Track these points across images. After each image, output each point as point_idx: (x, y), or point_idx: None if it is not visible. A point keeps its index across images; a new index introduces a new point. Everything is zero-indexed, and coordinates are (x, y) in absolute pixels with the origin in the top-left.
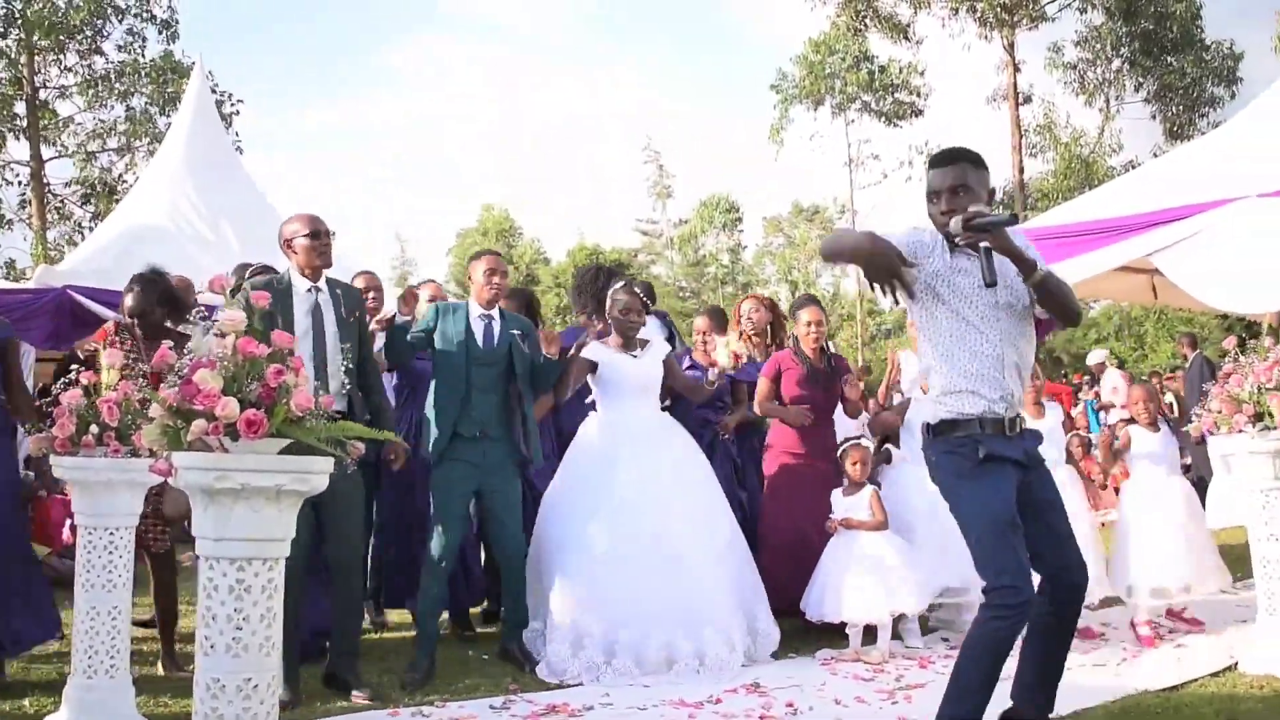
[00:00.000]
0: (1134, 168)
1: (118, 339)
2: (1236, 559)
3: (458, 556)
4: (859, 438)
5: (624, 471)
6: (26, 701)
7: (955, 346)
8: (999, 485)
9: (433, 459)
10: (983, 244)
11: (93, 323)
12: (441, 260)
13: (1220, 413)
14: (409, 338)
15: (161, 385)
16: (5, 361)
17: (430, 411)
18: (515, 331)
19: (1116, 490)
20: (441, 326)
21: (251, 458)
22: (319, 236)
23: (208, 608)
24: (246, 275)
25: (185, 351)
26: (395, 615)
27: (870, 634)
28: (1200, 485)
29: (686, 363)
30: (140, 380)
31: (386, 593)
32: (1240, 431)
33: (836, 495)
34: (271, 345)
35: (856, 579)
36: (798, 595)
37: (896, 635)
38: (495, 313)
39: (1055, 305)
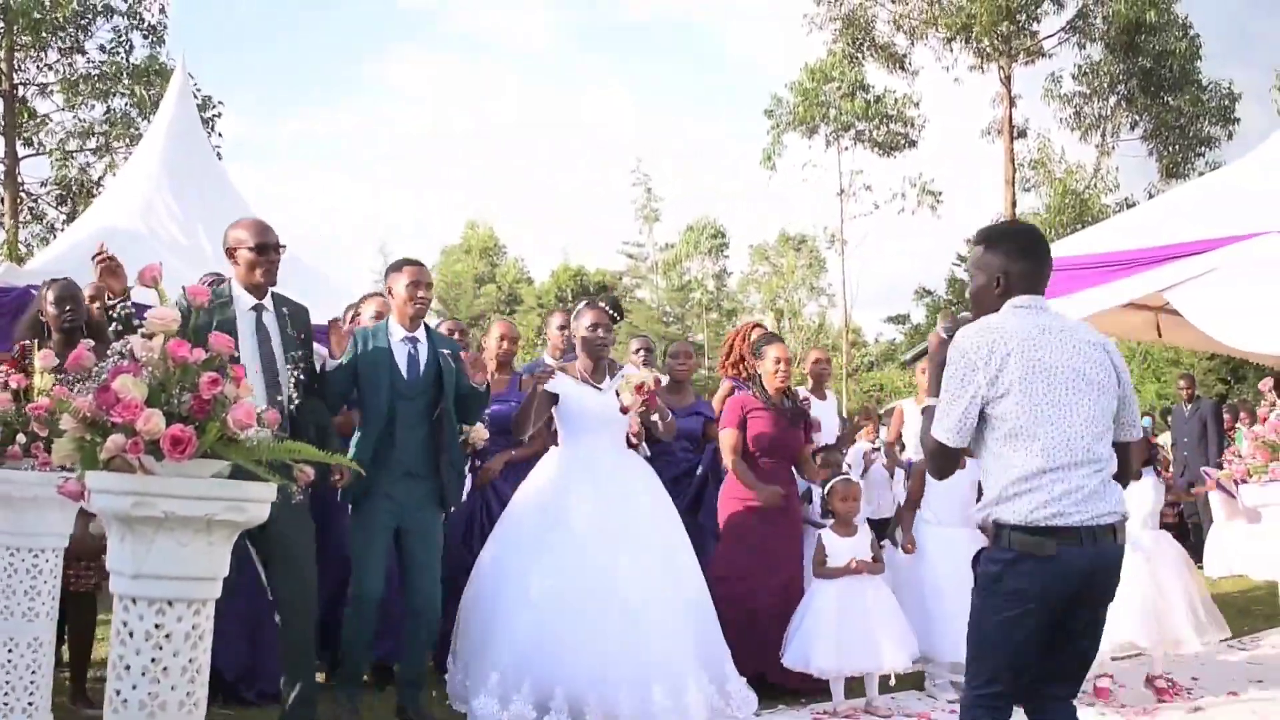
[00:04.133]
0: (1129, 206)
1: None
2: (1238, 611)
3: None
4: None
5: (575, 509)
6: None
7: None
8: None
9: (352, 496)
10: None
11: None
12: None
13: (1254, 459)
14: (333, 380)
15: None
16: None
17: (353, 448)
18: (445, 351)
19: None
20: (362, 355)
21: (178, 482)
22: (265, 251)
23: (120, 656)
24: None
25: (109, 354)
26: None
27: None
28: (1190, 532)
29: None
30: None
31: None
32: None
33: (829, 536)
34: (208, 349)
35: (855, 628)
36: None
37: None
38: (420, 334)
39: None
